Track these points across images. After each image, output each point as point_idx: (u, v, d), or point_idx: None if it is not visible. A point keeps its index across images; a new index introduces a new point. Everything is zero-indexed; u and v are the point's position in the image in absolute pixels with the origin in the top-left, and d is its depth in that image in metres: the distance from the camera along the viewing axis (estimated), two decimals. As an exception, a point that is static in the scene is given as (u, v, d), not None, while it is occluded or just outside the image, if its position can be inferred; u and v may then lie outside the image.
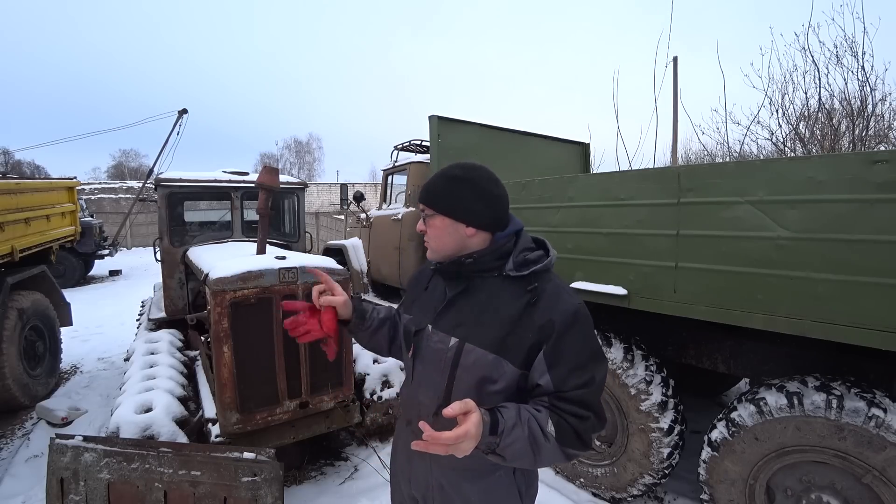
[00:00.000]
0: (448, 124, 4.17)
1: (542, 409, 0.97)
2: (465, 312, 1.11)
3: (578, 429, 0.96)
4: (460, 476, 1.14)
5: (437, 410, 1.09)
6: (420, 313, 1.21)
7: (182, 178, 4.04)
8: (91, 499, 2.09)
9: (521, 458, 0.94)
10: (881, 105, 6.43)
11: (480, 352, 1.04)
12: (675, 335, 2.72)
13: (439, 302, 1.17)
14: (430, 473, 1.17)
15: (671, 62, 8.91)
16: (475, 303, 1.10)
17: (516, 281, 1.07)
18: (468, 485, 1.13)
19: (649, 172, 2.42)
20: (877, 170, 1.62)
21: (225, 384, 2.44)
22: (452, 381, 1.08)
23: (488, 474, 1.13)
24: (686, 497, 2.77)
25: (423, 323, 1.18)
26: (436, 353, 1.12)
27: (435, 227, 1.13)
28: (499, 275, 1.09)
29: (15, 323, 3.91)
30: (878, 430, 1.71)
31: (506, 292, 1.07)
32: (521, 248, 1.10)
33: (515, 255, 1.09)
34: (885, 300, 1.62)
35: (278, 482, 2.12)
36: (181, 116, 11.30)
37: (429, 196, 1.14)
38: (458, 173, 1.12)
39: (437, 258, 1.17)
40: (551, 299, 1.03)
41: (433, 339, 1.14)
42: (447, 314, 1.13)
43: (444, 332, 1.11)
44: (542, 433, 0.93)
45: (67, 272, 10.13)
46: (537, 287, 1.04)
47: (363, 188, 20.41)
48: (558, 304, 1.02)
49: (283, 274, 2.55)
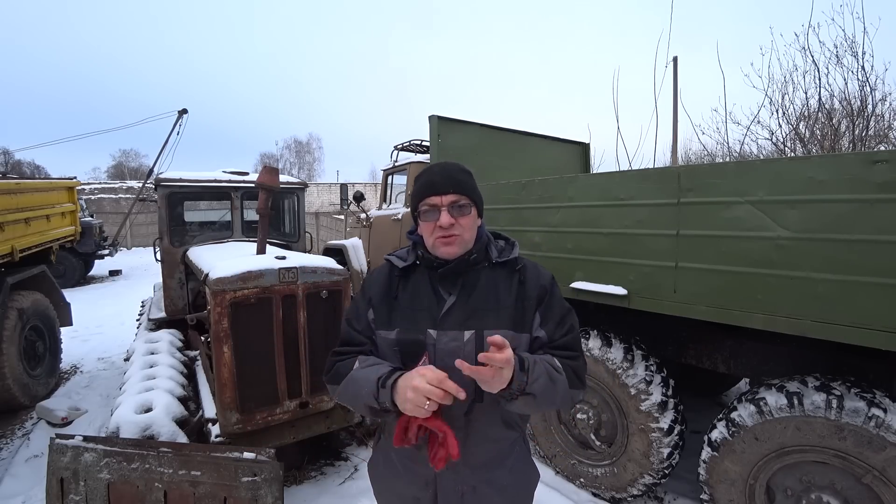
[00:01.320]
0: (448, 124, 4.17)
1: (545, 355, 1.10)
2: (469, 305, 1.12)
3: (574, 367, 1.11)
4: (488, 468, 1.17)
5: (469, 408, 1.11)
6: (410, 322, 1.13)
7: (182, 178, 4.05)
8: (91, 499, 2.09)
9: (545, 392, 1.02)
10: (881, 105, 6.43)
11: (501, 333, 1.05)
12: (675, 335, 2.72)
13: (433, 304, 1.13)
14: (461, 480, 1.15)
15: (671, 62, 8.92)
16: (478, 293, 1.14)
17: (501, 266, 1.19)
18: (499, 471, 1.18)
19: (649, 172, 2.42)
20: (877, 170, 1.62)
21: (225, 384, 2.44)
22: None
23: (509, 454, 1.21)
24: (686, 497, 2.77)
25: (424, 329, 1.11)
26: (451, 353, 1.07)
27: (471, 218, 1.15)
28: (488, 264, 1.19)
29: (15, 323, 3.91)
30: (878, 430, 1.71)
31: (498, 278, 1.18)
32: (493, 239, 1.25)
33: (495, 244, 1.23)
34: (885, 300, 1.62)
35: (278, 482, 2.12)
36: (181, 116, 11.31)
37: (464, 186, 1.13)
38: (465, 168, 1.19)
39: (457, 254, 1.13)
40: (534, 272, 1.20)
41: (443, 341, 1.10)
42: (452, 312, 1.12)
43: (455, 329, 1.10)
44: (554, 368, 1.06)
45: (67, 272, 10.14)
46: (522, 266, 1.19)
47: (363, 188, 20.39)
48: (541, 274, 1.20)
49: (283, 274, 2.55)
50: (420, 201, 1.14)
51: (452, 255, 1.13)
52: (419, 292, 1.16)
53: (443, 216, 1.09)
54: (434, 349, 1.10)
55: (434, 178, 1.13)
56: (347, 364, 1.14)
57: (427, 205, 1.12)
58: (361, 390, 1.04)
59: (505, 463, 1.20)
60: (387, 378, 1.01)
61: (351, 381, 1.09)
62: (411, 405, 0.94)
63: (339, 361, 1.17)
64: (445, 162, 1.20)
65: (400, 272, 1.20)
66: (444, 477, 1.16)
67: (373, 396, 1.01)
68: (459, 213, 1.11)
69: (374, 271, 1.28)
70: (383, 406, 1.00)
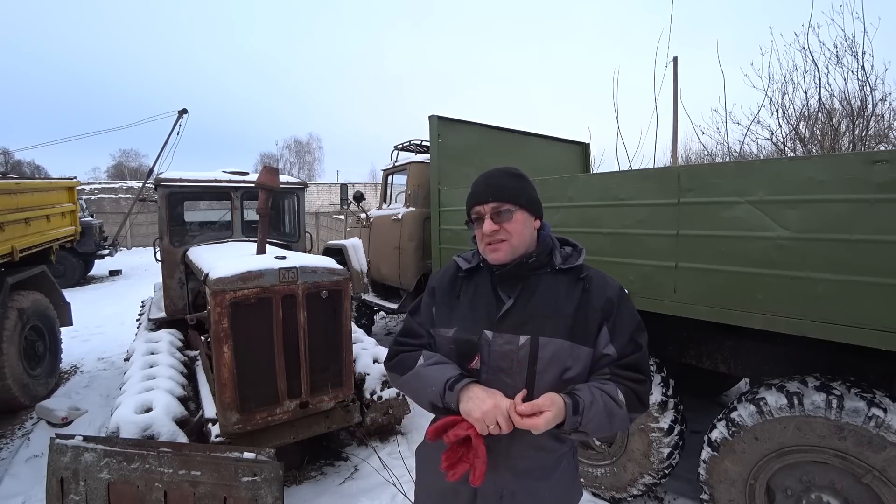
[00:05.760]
0: (448, 124, 4.17)
1: (608, 382, 1.07)
2: (528, 310, 1.11)
3: (639, 392, 1.08)
4: (533, 478, 1.15)
5: None
6: (468, 322, 1.16)
7: (182, 178, 4.05)
8: (91, 499, 2.08)
9: (600, 429, 1.04)
10: (881, 105, 6.42)
11: (558, 342, 1.07)
12: (675, 335, 2.72)
13: (492, 306, 1.14)
14: (502, 483, 1.14)
15: (671, 62, 8.93)
16: (537, 298, 1.12)
17: (566, 273, 1.16)
18: (541, 483, 1.16)
19: (649, 172, 2.42)
20: (877, 170, 1.62)
21: (225, 384, 2.44)
22: (533, 376, 1.08)
23: (557, 466, 1.18)
24: (686, 497, 2.77)
25: (480, 330, 1.13)
26: (505, 356, 1.10)
27: (518, 223, 1.12)
28: (551, 270, 1.16)
29: (15, 323, 3.91)
30: (878, 430, 1.71)
31: (561, 284, 1.14)
32: (559, 245, 1.21)
33: (560, 251, 1.19)
34: (884, 300, 1.62)
35: (278, 482, 2.12)
36: (181, 116, 11.31)
37: (505, 192, 1.12)
38: (514, 171, 1.18)
39: (509, 258, 1.12)
40: (601, 282, 1.15)
41: (497, 343, 1.11)
42: (509, 315, 1.12)
43: (511, 332, 1.10)
44: (615, 402, 1.04)
45: (67, 272, 10.14)
46: (587, 275, 1.15)
47: (363, 188, 20.40)
48: (609, 285, 1.15)
49: (283, 274, 2.55)
50: (469, 210, 1.18)
51: (499, 260, 1.13)
52: (480, 294, 1.18)
53: (486, 224, 1.12)
54: (489, 350, 1.12)
55: (477, 188, 1.16)
56: (413, 357, 1.19)
57: (474, 213, 1.16)
58: (428, 388, 1.12)
59: (550, 476, 1.16)
60: (455, 382, 1.08)
61: (417, 376, 1.15)
62: (479, 418, 1.01)
63: (404, 353, 1.22)
64: (494, 168, 1.19)
65: (464, 273, 1.23)
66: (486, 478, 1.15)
67: (439, 396, 1.09)
68: (503, 219, 1.11)
69: (441, 270, 1.31)
70: (447, 406, 1.08)
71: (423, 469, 1.33)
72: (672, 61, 8.95)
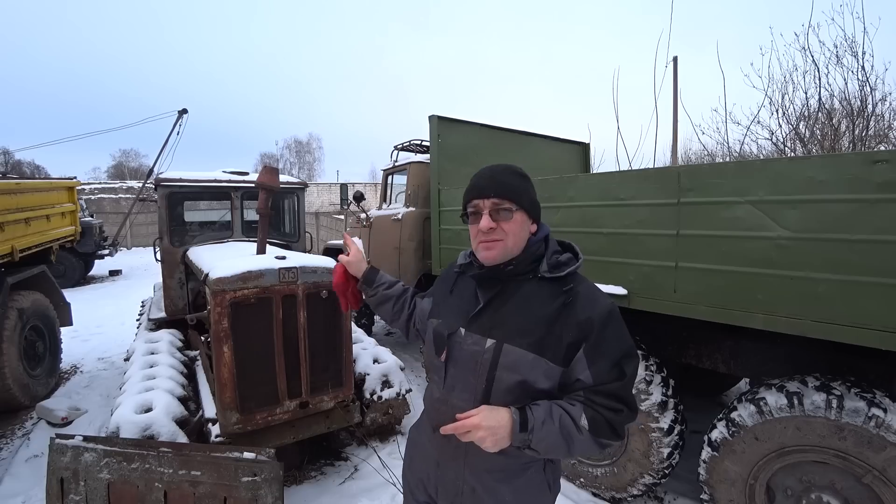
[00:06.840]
0: (448, 124, 4.17)
1: (577, 404, 1.00)
2: (500, 314, 1.09)
3: (613, 421, 0.99)
4: (494, 478, 1.13)
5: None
6: (449, 316, 1.18)
7: (182, 178, 4.04)
8: (91, 499, 2.08)
9: (554, 450, 0.99)
10: (881, 105, 6.43)
11: (520, 352, 1.04)
12: (675, 335, 2.72)
13: (471, 305, 1.14)
14: (462, 478, 1.15)
15: (671, 62, 8.92)
16: (510, 305, 1.09)
17: (551, 282, 1.08)
18: (502, 485, 1.13)
19: (649, 172, 2.42)
20: (877, 170, 1.62)
21: (225, 384, 2.44)
22: (491, 382, 1.07)
23: (521, 473, 1.14)
24: (686, 497, 2.77)
25: (455, 326, 1.15)
26: (471, 356, 1.10)
27: (516, 224, 1.08)
28: (533, 277, 1.10)
29: (15, 323, 3.91)
30: (878, 430, 1.71)
31: (541, 293, 1.08)
32: (552, 251, 1.13)
33: (549, 258, 1.11)
34: (884, 300, 1.62)
35: (278, 482, 2.12)
36: (181, 116, 11.32)
37: (508, 190, 1.07)
38: (519, 170, 1.14)
39: (502, 259, 1.09)
40: (588, 299, 1.05)
41: (467, 342, 1.11)
42: (481, 317, 1.11)
43: (479, 334, 1.10)
44: (576, 426, 0.98)
45: (67, 272, 10.13)
46: (573, 287, 1.06)
47: (363, 188, 20.39)
48: (596, 304, 1.04)
49: (283, 274, 2.55)
50: (466, 203, 1.14)
51: (492, 259, 1.09)
52: (466, 291, 1.19)
53: (483, 220, 1.07)
54: (459, 347, 1.13)
55: (480, 181, 1.11)
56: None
57: (472, 207, 1.11)
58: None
59: (512, 480, 1.13)
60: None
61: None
62: None
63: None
64: (498, 164, 1.14)
65: (458, 269, 1.24)
66: (448, 468, 1.18)
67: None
68: (502, 218, 1.07)
69: (449, 264, 1.35)
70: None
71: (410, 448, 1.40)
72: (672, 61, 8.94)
